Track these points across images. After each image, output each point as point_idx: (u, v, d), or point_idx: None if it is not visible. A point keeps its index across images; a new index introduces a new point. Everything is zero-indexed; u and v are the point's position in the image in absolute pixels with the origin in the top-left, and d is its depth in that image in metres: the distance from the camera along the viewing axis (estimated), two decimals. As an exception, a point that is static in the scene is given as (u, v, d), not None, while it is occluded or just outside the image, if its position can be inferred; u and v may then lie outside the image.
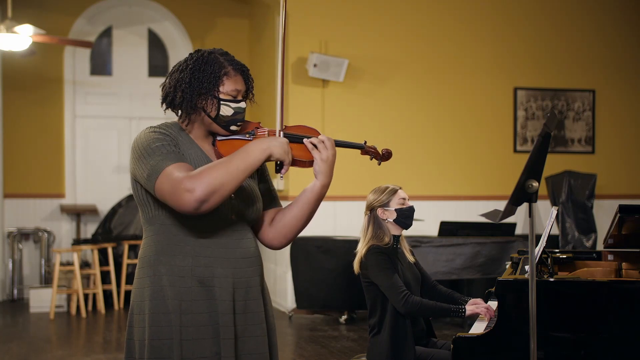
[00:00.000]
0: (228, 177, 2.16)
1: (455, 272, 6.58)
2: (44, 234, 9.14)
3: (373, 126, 7.92)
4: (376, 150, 2.56)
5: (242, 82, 2.37)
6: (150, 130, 2.31)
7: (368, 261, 3.56)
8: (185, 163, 2.21)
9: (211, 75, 2.31)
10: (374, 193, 3.68)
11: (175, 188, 2.14)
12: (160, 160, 2.19)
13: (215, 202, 2.16)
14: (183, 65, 2.35)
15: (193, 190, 2.12)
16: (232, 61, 2.36)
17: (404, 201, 3.64)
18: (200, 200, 2.13)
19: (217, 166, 2.17)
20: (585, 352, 2.75)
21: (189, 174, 2.16)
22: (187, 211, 2.15)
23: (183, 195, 2.13)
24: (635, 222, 3.33)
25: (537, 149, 2.28)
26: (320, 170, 2.35)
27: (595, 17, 8.60)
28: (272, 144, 2.24)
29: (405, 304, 3.43)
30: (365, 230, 3.66)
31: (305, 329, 6.99)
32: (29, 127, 9.21)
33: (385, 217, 3.62)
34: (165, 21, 9.68)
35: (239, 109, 2.35)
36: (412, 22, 8.14)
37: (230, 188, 2.17)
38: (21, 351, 6.16)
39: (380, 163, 2.60)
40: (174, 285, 2.25)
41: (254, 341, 2.32)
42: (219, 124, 2.34)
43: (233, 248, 2.31)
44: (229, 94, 2.33)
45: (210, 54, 2.35)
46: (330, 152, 2.35)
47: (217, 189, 2.14)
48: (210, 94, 2.31)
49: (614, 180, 8.56)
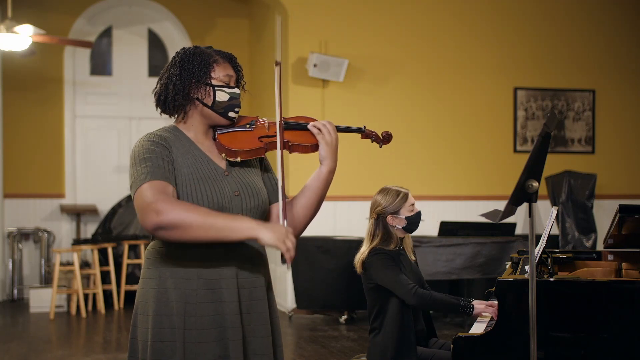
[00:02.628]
0: (199, 225, 2.11)
1: (455, 272, 6.58)
2: (44, 234, 9.13)
3: (373, 126, 7.82)
4: (376, 134, 2.56)
5: (232, 69, 2.37)
6: (146, 138, 2.30)
7: (371, 263, 3.51)
8: (166, 183, 2.18)
9: (201, 63, 2.32)
10: (384, 197, 3.56)
11: (147, 203, 2.13)
12: (144, 174, 2.19)
13: (172, 237, 2.13)
14: (170, 63, 2.37)
15: (160, 213, 2.10)
16: (218, 51, 2.38)
17: (413, 207, 3.57)
18: (160, 225, 2.11)
19: (198, 210, 2.14)
20: (585, 352, 2.75)
21: (169, 198, 2.14)
22: (145, 228, 2.15)
23: (149, 214, 2.11)
24: (635, 222, 3.33)
25: (537, 149, 2.27)
26: (326, 154, 2.37)
27: (595, 17, 8.60)
28: (265, 227, 2.13)
29: (415, 295, 3.38)
30: (371, 235, 3.55)
31: (305, 329, 6.99)
32: (29, 127, 9.21)
33: (394, 224, 3.54)
34: (165, 21, 9.68)
35: (234, 94, 2.35)
36: (412, 22, 8.14)
37: (194, 236, 2.12)
38: (21, 351, 6.16)
39: (382, 146, 2.58)
40: (178, 288, 2.25)
41: (259, 342, 2.31)
42: (217, 111, 2.33)
43: (238, 247, 2.29)
44: (222, 80, 2.33)
45: (196, 48, 2.37)
46: (333, 135, 2.37)
47: (182, 227, 2.10)
48: (202, 81, 2.31)
49: (614, 180, 8.56)
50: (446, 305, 3.51)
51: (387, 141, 2.57)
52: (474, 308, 3.40)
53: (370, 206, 3.63)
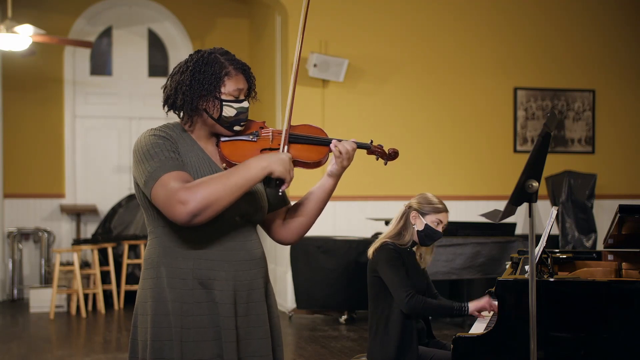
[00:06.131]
0: (224, 193, 2.14)
1: (455, 272, 6.58)
2: (44, 234, 9.13)
3: (373, 126, 7.92)
4: (382, 150, 2.53)
5: (244, 80, 2.35)
6: (150, 133, 2.28)
7: (379, 255, 3.57)
8: (183, 172, 2.19)
9: (212, 76, 2.29)
10: (421, 197, 3.66)
11: (170, 198, 2.13)
12: (157, 168, 2.18)
13: (208, 216, 2.15)
14: (183, 67, 2.33)
15: (187, 203, 2.11)
16: (232, 60, 2.34)
17: (439, 222, 3.62)
18: (193, 213, 2.12)
19: (214, 180, 2.16)
20: (585, 352, 2.75)
21: (185, 185, 2.14)
22: (179, 222, 2.15)
23: (176, 207, 2.12)
24: (635, 222, 3.33)
25: (537, 149, 2.27)
26: (337, 173, 2.44)
27: (595, 17, 8.60)
28: (273, 161, 2.22)
29: (409, 302, 3.42)
30: (397, 220, 3.66)
31: (305, 329, 6.99)
32: (29, 127, 9.21)
33: (414, 222, 3.62)
34: (165, 21, 9.68)
35: (241, 109, 2.33)
36: (412, 22, 8.14)
37: (224, 204, 2.15)
38: (21, 351, 6.16)
39: (387, 163, 2.57)
40: (174, 288, 2.25)
41: (256, 343, 2.31)
42: (222, 124, 2.32)
43: (237, 250, 2.29)
44: (231, 94, 2.31)
45: (211, 54, 2.32)
46: (350, 159, 2.43)
47: (211, 203, 2.13)
48: (211, 95, 2.29)
49: (614, 180, 8.56)
50: (440, 310, 3.56)
51: (392, 158, 2.54)
52: (468, 308, 3.46)
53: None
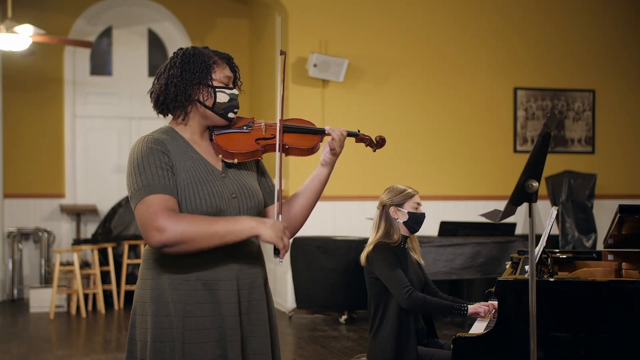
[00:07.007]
0: (202, 236, 2.15)
1: (455, 272, 6.58)
2: (44, 234, 9.13)
3: (373, 126, 7.91)
4: (370, 138, 2.58)
5: (230, 69, 2.40)
6: (144, 144, 2.28)
7: (374, 256, 3.58)
8: (168, 196, 2.19)
9: (202, 64, 2.34)
10: (389, 192, 3.69)
11: (148, 221, 2.15)
12: (144, 187, 2.19)
13: (179, 251, 2.16)
14: (170, 63, 2.37)
15: (163, 231, 2.13)
16: (216, 52, 2.41)
17: (417, 206, 3.66)
18: (165, 244, 2.14)
19: (198, 220, 2.17)
20: (585, 352, 2.75)
21: (167, 214, 2.15)
22: (150, 245, 2.18)
23: (152, 232, 2.14)
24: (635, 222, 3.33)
25: (537, 149, 2.27)
26: (331, 161, 2.47)
27: (595, 17, 8.60)
28: (263, 224, 2.21)
29: (409, 298, 3.43)
30: (377, 225, 3.67)
31: (305, 329, 6.99)
32: (29, 127, 9.21)
33: (396, 216, 3.64)
34: (165, 21, 9.68)
35: (233, 95, 2.37)
36: (412, 22, 8.14)
37: (199, 246, 2.16)
38: (21, 351, 6.16)
39: (375, 150, 2.62)
40: (176, 289, 2.25)
41: (257, 341, 2.33)
42: (217, 112, 2.35)
43: (236, 248, 2.30)
44: (222, 81, 2.36)
45: (194, 48, 2.39)
46: (342, 146, 2.46)
47: (187, 241, 2.14)
48: (203, 82, 2.33)
49: (614, 180, 8.56)
50: (439, 309, 3.56)
51: (380, 145, 2.59)
52: (468, 309, 3.46)
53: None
